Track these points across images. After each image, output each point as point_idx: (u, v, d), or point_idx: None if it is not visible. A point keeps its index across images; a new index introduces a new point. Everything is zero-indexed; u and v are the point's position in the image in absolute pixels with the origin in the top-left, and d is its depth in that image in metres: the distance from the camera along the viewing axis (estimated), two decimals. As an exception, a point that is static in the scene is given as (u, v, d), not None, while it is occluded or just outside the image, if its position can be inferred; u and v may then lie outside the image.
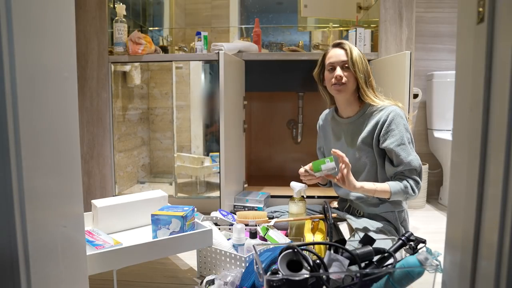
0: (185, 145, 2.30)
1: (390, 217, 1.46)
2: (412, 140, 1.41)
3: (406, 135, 1.38)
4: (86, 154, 2.16)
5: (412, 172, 1.37)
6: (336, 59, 1.45)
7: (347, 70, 1.44)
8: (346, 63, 1.43)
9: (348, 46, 1.45)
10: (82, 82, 2.12)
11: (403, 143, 1.37)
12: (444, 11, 2.46)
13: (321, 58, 1.53)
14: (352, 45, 1.46)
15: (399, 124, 1.38)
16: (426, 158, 2.50)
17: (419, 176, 1.38)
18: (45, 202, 0.66)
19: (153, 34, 2.80)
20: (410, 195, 1.36)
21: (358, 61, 1.43)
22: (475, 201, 0.60)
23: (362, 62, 1.44)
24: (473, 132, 0.61)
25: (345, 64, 1.44)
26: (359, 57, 1.44)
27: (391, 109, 1.41)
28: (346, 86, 1.44)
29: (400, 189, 1.35)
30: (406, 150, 1.37)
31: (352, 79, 1.44)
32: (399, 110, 1.41)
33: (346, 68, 1.44)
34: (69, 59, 0.74)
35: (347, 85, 1.44)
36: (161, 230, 1.26)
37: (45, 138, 0.66)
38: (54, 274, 0.69)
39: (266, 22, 2.66)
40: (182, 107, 2.23)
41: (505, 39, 0.54)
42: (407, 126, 1.40)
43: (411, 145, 1.39)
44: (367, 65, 1.46)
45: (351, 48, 1.44)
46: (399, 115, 1.39)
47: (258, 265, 0.94)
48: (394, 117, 1.39)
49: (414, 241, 1.00)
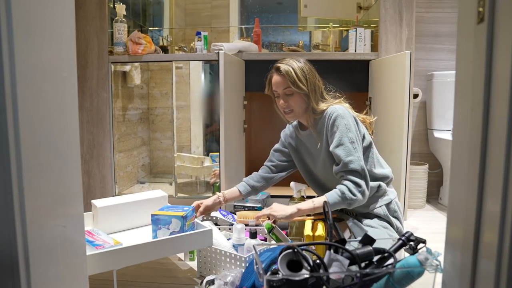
0: (185, 145, 2.30)
1: (380, 213, 1.47)
2: (357, 139, 1.36)
3: (348, 134, 1.34)
4: (86, 154, 2.16)
5: (352, 173, 1.32)
6: (277, 87, 1.43)
7: (290, 96, 1.41)
8: (288, 89, 1.40)
9: (287, 69, 1.39)
10: (82, 82, 2.12)
11: (341, 143, 1.34)
12: (444, 11, 2.46)
13: (268, 80, 1.49)
14: (293, 64, 1.40)
15: (339, 124, 1.35)
16: (426, 158, 2.50)
17: (363, 178, 1.33)
18: (45, 202, 0.66)
19: (153, 34, 2.80)
20: (351, 199, 1.30)
21: (299, 81, 1.38)
22: (475, 201, 0.60)
23: (306, 80, 1.40)
24: (473, 132, 0.61)
25: (286, 91, 1.41)
26: (297, 78, 1.38)
27: (331, 111, 1.38)
28: (294, 112, 1.44)
29: (337, 195, 1.31)
30: (345, 149, 1.33)
31: (297, 103, 1.42)
32: (339, 109, 1.38)
33: (289, 94, 1.41)
34: (69, 59, 0.73)
35: (295, 110, 1.43)
36: (161, 230, 1.26)
37: (45, 138, 0.66)
38: (54, 274, 0.69)
39: (266, 22, 2.66)
40: (182, 107, 2.23)
41: (505, 39, 0.54)
42: (350, 125, 1.35)
43: (354, 145, 1.34)
44: (314, 79, 1.42)
45: (288, 70, 1.38)
46: (340, 115, 1.36)
47: (258, 265, 0.94)
48: (334, 119, 1.37)
49: (414, 241, 1.00)
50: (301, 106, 1.43)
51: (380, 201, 1.45)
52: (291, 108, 1.43)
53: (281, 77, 1.40)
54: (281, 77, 1.40)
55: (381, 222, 1.44)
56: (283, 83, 1.40)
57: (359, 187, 1.31)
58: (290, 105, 1.42)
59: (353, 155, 1.32)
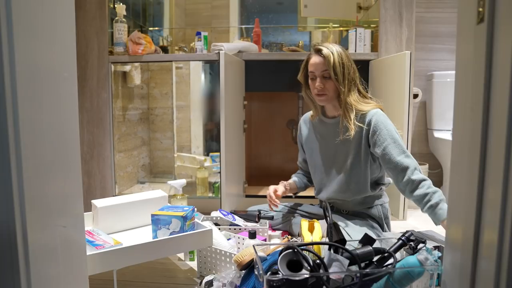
0: (185, 145, 2.30)
1: (374, 213, 1.50)
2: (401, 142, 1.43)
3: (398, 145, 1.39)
4: (86, 154, 2.16)
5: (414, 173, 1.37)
6: (315, 68, 1.45)
7: (327, 79, 1.44)
8: (326, 71, 1.43)
9: (328, 52, 1.42)
10: (82, 82, 2.12)
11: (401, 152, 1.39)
12: (444, 11, 2.45)
13: (304, 63, 1.52)
14: (333, 49, 1.43)
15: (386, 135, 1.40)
16: (426, 158, 2.50)
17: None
18: (45, 202, 0.66)
19: (153, 34, 2.80)
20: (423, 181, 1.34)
21: (338, 68, 1.41)
22: (475, 201, 0.60)
23: (343, 67, 1.42)
24: (473, 132, 0.61)
25: (324, 73, 1.43)
26: (339, 64, 1.41)
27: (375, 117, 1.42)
28: (327, 96, 1.46)
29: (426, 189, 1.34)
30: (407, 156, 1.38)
31: (332, 87, 1.44)
32: (381, 116, 1.42)
33: (326, 77, 1.44)
34: (69, 59, 0.73)
35: (328, 95, 1.46)
36: (161, 230, 1.26)
37: (45, 138, 0.66)
38: (54, 274, 0.69)
39: (266, 22, 2.66)
40: (182, 107, 2.23)
41: (505, 39, 0.54)
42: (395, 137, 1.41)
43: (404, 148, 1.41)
44: (351, 68, 1.44)
45: (330, 55, 1.41)
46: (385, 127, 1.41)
47: (258, 265, 0.94)
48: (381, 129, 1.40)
49: (414, 241, 1.00)
50: (335, 91, 1.46)
51: (377, 202, 1.54)
52: (325, 92, 1.45)
53: (323, 59, 1.43)
54: (323, 58, 1.43)
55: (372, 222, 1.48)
56: (323, 64, 1.43)
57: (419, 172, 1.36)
58: (325, 88, 1.45)
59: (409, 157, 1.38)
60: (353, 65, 1.47)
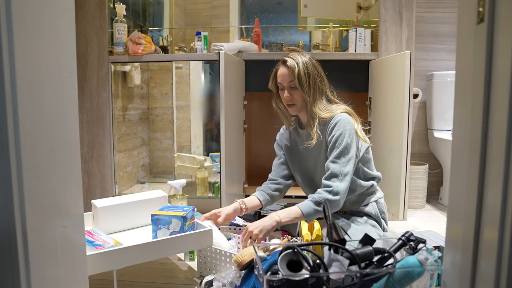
0: (185, 145, 2.30)
1: (370, 211, 1.51)
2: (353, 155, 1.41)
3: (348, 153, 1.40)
4: (86, 154, 2.16)
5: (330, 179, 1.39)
6: (282, 79, 1.47)
7: (294, 89, 1.45)
8: (292, 82, 1.44)
9: (292, 63, 1.43)
10: (82, 82, 2.12)
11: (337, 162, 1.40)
12: (444, 11, 2.45)
13: (273, 74, 1.52)
14: (298, 60, 1.43)
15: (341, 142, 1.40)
16: (426, 158, 2.50)
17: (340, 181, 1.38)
18: (45, 202, 0.66)
19: (153, 34, 2.80)
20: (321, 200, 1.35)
21: (303, 78, 1.42)
22: (475, 201, 0.60)
23: (309, 77, 1.43)
24: (473, 132, 0.61)
25: (291, 84, 1.45)
26: (304, 74, 1.42)
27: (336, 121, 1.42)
28: (296, 106, 1.48)
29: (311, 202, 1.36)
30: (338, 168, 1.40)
31: (300, 97, 1.46)
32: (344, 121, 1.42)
33: (293, 87, 1.45)
34: (69, 59, 0.73)
35: (297, 104, 1.48)
36: (161, 230, 1.26)
37: (45, 138, 0.66)
38: (54, 274, 0.69)
39: (266, 22, 2.66)
40: (182, 107, 2.23)
41: (505, 39, 0.54)
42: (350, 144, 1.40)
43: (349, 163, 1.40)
44: (317, 77, 1.45)
45: (295, 65, 1.42)
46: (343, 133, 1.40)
47: (258, 265, 0.94)
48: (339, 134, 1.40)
49: (414, 241, 1.00)
50: (303, 101, 1.47)
51: (371, 199, 1.54)
52: (293, 102, 1.47)
53: (287, 70, 1.44)
54: (287, 70, 1.44)
55: (370, 220, 1.49)
56: (289, 76, 1.44)
57: (329, 187, 1.36)
58: (293, 99, 1.47)
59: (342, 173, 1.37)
60: (321, 74, 1.47)
